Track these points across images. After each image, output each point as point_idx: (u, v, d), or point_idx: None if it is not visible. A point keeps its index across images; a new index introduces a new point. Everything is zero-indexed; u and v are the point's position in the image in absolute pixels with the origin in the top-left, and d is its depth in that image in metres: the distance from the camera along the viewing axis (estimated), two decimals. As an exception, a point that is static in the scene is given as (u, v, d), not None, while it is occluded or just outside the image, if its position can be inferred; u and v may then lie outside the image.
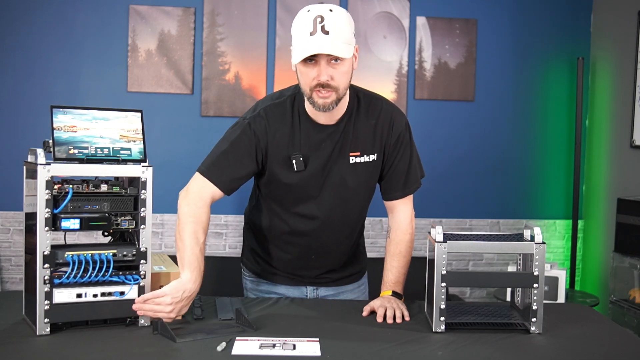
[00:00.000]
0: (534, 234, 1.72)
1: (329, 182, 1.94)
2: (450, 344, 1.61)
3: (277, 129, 1.89)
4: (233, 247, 3.83)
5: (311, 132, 1.90)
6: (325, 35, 1.71)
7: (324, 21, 1.71)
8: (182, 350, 1.54)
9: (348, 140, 1.92)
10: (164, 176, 3.58)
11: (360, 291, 2.21)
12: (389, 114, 1.96)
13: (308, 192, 1.94)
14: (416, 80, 3.89)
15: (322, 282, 2.13)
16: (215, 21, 3.75)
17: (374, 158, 1.95)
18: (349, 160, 1.93)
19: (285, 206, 1.99)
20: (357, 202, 2.01)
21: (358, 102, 1.94)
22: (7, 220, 3.70)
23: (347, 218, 2.02)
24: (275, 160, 1.91)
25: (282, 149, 1.90)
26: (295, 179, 1.91)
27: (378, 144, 1.95)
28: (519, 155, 4.01)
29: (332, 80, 1.75)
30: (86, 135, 1.64)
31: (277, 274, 2.12)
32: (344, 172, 1.94)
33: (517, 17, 3.96)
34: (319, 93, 1.77)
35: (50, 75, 3.68)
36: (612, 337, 1.75)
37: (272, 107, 1.91)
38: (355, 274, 2.19)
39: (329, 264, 2.09)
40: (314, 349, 1.54)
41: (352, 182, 1.95)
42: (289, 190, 1.94)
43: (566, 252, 4.04)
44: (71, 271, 1.60)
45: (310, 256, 2.06)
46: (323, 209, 1.96)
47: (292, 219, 1.99)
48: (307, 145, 1.90)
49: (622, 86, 3.73)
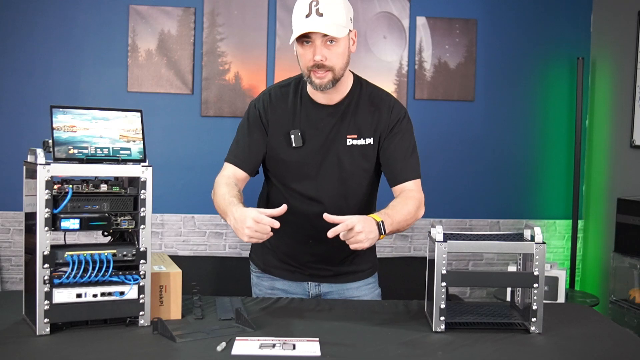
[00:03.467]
0: (534, 234, 1.72)
1: (327, 162, 2.00)
2: (450, 344, 1.61)
3: (279, 107, 2.02)
4: (233, 247, 3.83)
5: (311, 111, 2.00)
6: (319, 17, 1.83)
7: (318, 4, 1.84)
8: (182, 350, 1.54)
9: (346, 123, 2.00)
10: (164, 176, 3.59)
11: (368, 289, 2.18)
12: (389, 102, 2.04)
13: (306, 171, 2.01)
14: (416, 80, 3.89)
15: (323, 276, 2.13)
16: (215, 21, 3.75)
17: (370, 142, 2.01)
18: (346, 141, 2.00)
19: (284, 183, 2.06)
20: (354, 186, 2.04)
21: (360, 89, 2.03)
22: (7, 220, 3.70)
23: (343, 201, 2.03)
24: (276, 136, 2.01)
25: (283, 126, 2.01)
26: (294, 155, 2.00)
27: (375, 128, 2.01)
28: (519, 155, 4.01)
29: (326, 61, 1.86)
30: (86, 135, 1.64)
31: (278, 267, 2.15)
32: (341, 152, 2.00)
33: (517, 17, 3.96)
34: (315, 73, 1.88)
35: (50, 75, 3.68)
36: (612, 337, 1.75)
37: (277, 88, 2.06)
38: (360, 272, 2.17)
39: (327, 253, 2.09)
40: (314, 349, 1.54)
41: (348, 163, 2.00)
42: (288, 166, 2.02)
43: (566, 252, 4.04)
44: (71, 271, 1.59)
45: (308, 240, 2.07)
46: (319, 189, 2.02)
47: (291, 197, 2.04)
48: (306, 123, 2.00)
49: (622, 86, 3.73)
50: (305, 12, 1.84)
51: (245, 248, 3.79)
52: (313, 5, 1.83)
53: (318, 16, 1.82)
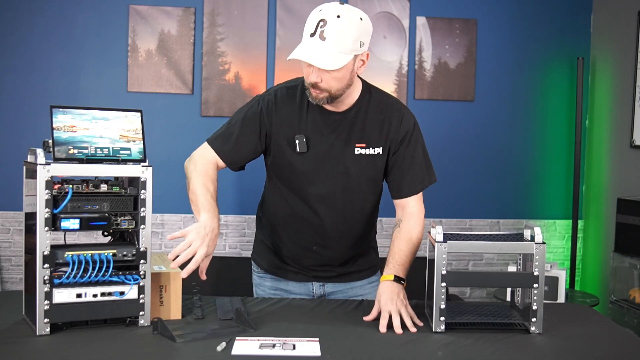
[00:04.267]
0: (534, 234, 1.72)
1: (332, 170, 1.96)
2: (450, 344, 1.61)
3: (284, 109, 1.95)
4: (233, 247, 3.83)
5: (317, 117, 1.94)
6: (321, 41, 1.75)
7: (326, 25, 1.74)
8: (182, 350, 1.54)
9: (355, 131, 1.95)
10: (164, 176, 3.58)
11: (371, 287, 2.18)
12: (399, 111, 1.99)
13: (310, 177, 1.97)
14: (416, 80, 3.89)
15: (328, 277, 2.12)
16: (215, 21, 3.75)
17: (379, 151, 1.97)
18: (354, 150, 1.96)
19: (288, 188, 2.02)
20: (359, 194, 2.02)
21: (369, 96, 1.98)
22: (7, 220, 3.70)
23: (348, 209, 2.02)
24: (280, 139, 1.96)
25: (288, 129, 1.95)
26: (298, 160, 1.95)
27: (385, 138, 1.97)
28: (519, 155, 4.01)
29: (322, 83, 1.81)
30: (86, 135, 1.64)
31: (282, 267, 2.14)
32: (348, 161, 1.96)
33: (517, 17, 3.96)
34: (312, 89, 1.84)
35: (50, 75, 3.68)
36: (612, 337, 1.75)
37: (284, 89, 1.98)
38: (363, 271, 2.17)
39: (331, 258, 2.09)
40: (314, 349, 1.54)
41: (355, 172, 1.97)
42: (292, 171, 1.98)
43: (566, 252, 4.04)
44: (71, 271, 1.59)
45: (312, 247, 2.06)
46: (324, 196, 1.98)
47: (295, 203, 2.01)
48: (312, 129, 1.94)
49: (622, 86, 3.73)
50: (311, 30, 1.75)
51: (246, 248, 3.79)
52: (320, 26, 1.74)
53: (321, 40, 1.73)
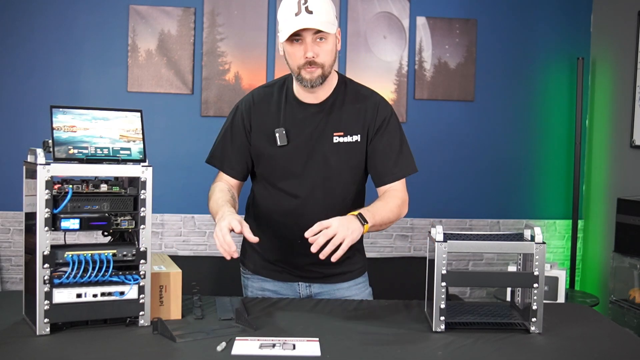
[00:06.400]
0: (534, 234, 1.72)
1: (312, 160, 2.01)
2: (450, 344, 1.61)
3: (263, 107, 2.04)
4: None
5: (296, 110, 2.02)
6: (309, 14, 1.85)
7: (307, 2, 1.85)
8: (182, 350, 1.54)
9: (332, 120, 2.01)
10: (164, 176, 3.59)
11: (358, 289, 2.17)
12: (375, 100, 2.05)
13: (291, 169, 2.02)
14: (416, 80, 3.89)
15: (313, 277, 2.12)
16: (215, 21, 3.75)
17: (358, 139, 2.01)
18: (332, 139, 2.00)
19: (270, 182, 2.07)
20: (340, 183, 2.03)
21: (345, 87, 2.05)
22: (7, 220, 3.70)
23: (330, 200, 2.03)
24: (260, 135, 2.03)
25: (267, 125, 2.02)
26: (279, 153, 2.01)
27: (362, 125, 2.01)
28: (519, 155, 4.01)
29: (317, 57, 1.89)
30: (86, 135, 1.64)
31: (267, 267, 2.14)
32: (327, 150, 2.00)
33: (517, 17, 3.96)
34: (306, 68, 1.90)
35: (50, 75, 3.68)
36: (612, 337, 1.75)
37: (260, 90, 2.09)
38: (349, 272, 2.16)
39: (315, 254, 2.08)
40: (314, 349, 1.54)
41: (335, 161, 2.01)
42: (273, 165, 2.04)
43: (566, 252, 4.04)
44: (71, 271, 1.59)
45: (296, 240, 2.04)
46: (305, 187, 2.02)
47: (277, 196, 2.05)
48: (291, 122, 2.01)
49: (622, 86, 3.73)
50: (295, 10, 1.85)
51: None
52: (302, 3, 1.85)
53: (308, 14, 1.84)
